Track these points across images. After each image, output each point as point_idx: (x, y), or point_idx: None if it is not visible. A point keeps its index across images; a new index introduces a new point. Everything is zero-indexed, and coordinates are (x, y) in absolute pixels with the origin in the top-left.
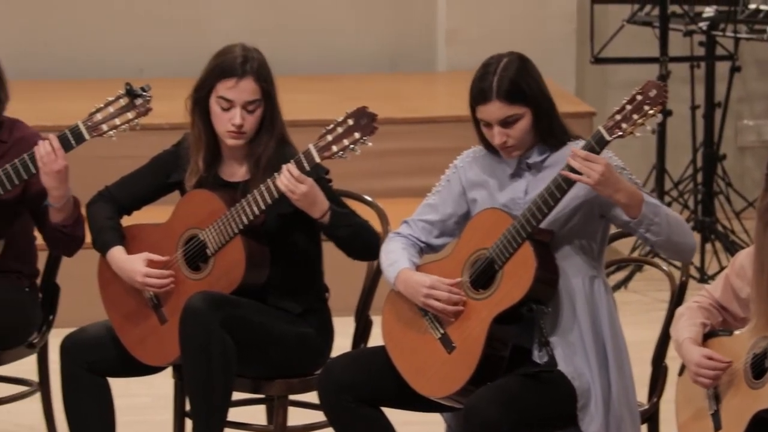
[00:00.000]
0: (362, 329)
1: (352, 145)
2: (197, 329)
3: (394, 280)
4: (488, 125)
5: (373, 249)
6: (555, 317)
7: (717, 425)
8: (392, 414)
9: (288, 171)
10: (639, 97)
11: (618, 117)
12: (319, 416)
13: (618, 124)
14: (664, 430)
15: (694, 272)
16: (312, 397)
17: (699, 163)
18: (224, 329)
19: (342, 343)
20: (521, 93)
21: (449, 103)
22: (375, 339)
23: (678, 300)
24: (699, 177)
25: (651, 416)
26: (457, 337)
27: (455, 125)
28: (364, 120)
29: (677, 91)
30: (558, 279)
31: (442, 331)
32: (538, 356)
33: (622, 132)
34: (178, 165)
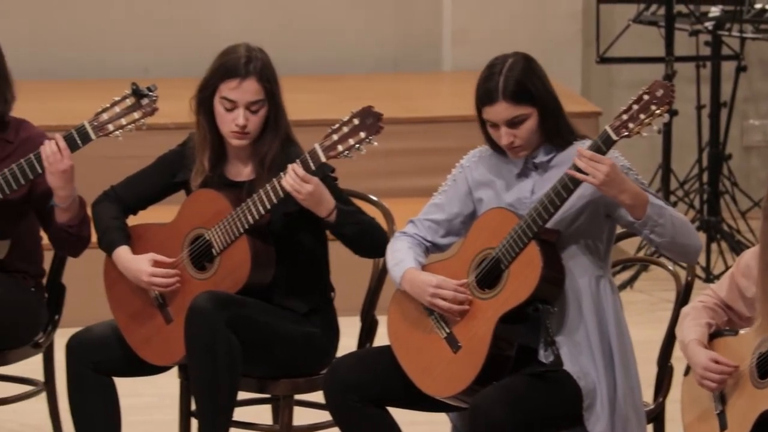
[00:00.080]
0: (368, 329)
1: (358, 145)
2: (203, 329)
3: (400, 280)
4: (495, 126)
5: (381, 246)
6: (561, 317)
7: (723, 425)
8: (398, 414)
9: (293, 171)
10: (646, 97)
11: (625, 117)
12: (325, 416)
13: (625, 124)
14: (670, 430)
15: (700, 272)
16: (318, 397)
17: (705, 163)
18: (230, 329)
19: (348, 343)
20: (527, 93)
21: (454, 104)
22: (381, 338)
23: (684, 300)
24: (705, 176)
25: (657, 416)
26: (463, 337)
27: (460, 125)
28: (370, 119)
29: (683, 91)
30: (564, 279)
31: (448, 331)
32: (544, 356)
33: (629, 132)
34: (184, 164)
